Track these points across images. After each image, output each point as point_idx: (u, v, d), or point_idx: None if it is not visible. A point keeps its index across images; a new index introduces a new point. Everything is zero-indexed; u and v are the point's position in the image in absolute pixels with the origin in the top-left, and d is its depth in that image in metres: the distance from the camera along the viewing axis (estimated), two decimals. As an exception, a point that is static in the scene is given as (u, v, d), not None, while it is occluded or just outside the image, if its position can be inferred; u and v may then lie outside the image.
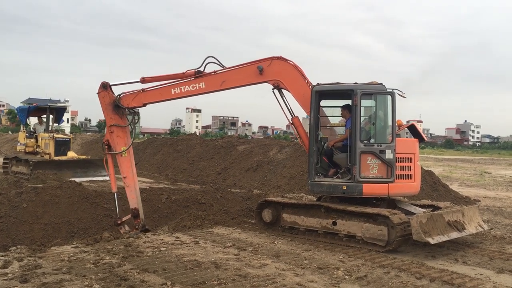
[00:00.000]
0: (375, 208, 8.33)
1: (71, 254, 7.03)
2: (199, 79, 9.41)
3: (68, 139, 19.04)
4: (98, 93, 9.71)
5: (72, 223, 10.12)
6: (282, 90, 9.19)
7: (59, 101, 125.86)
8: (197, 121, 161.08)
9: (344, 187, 8.46)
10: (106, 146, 9.71)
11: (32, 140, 19.19)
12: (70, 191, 11.04)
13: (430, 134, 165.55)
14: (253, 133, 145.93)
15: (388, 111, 8.50)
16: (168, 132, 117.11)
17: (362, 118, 8.64)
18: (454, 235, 8.07)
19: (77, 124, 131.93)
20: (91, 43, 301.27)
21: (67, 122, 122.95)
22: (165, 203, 11.43)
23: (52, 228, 9.81)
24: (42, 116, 20.26)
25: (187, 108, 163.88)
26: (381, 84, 8.54)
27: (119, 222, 9.51)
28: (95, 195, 11.36)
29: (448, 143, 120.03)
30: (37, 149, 18.82)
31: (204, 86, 9.42)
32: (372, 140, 8.57)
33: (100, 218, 10.52)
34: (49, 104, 19.86)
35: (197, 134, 70.76)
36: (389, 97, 8.46)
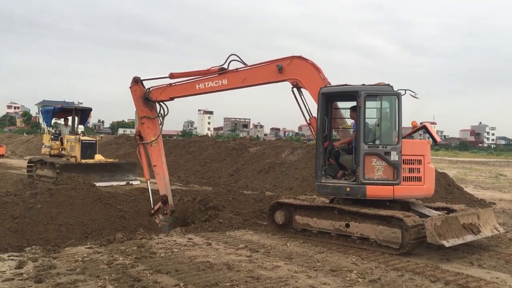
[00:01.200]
0: (388, 210, 8.25)
1: (85, 255, 7.08)
2: (222, 76, 9.82)
3: (94, 142, 18.27)
4: (130, 87, 10.70)
5: (86, 224, 10.19)
6: (301, 89, 9.25)
7: (72, 103, 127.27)
8: (209, 123, 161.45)
9: (348, 189, 8.42)
10: (138, 137, 10.72)
11: (57, 142, 18.62)
12: (84, 192, 11.12)
13: (444, 136, 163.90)
14: (265, 134, 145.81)
15: (394, 113, 8.42)
16: (180, 134, 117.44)
17: (368, 120, 8.60)
18: (469, 238, 7.96)
19: (91, 126, 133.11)
20: (103, 45, 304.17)
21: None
22: (177, 204, 11.46)
23: (66, 229, 9.89)
24: (66, 118, 19.64)
25: (199, 110, 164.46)
26: (388, 85, 8.47)
27: (152, 212, 10.35)
28: (109, 196, 11.44)
29: (462, 145, 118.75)
30: (63, 152, 18.26)
31: (226, 83, 9.82)
32: (377, 142, 8.50)
33: (114, 219, 10.59)
34: (75, 105, 19.41)
35: (209, 135, 71.03)
36: (395, 98, 8.38)
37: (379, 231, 7.94)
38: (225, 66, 9.79)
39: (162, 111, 10.68)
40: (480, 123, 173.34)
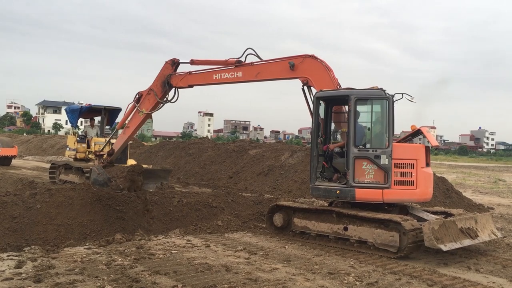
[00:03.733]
0: (386, 214, 8.28)
1: (84, 255, 7.11)
2: (237, 68, 10.23)
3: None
4: (166, 61, 11.35)
5: (85, 224, 10.18)
6: (311, 88, 9.36)
7: (73, 104, 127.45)
8: (209, 125, 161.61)
9: (338, 191, 8.48)
10: (137, 97, 11.64)
11: (84, 145, 16.65)
12: (83, 193, 11.13)
13: (444, 140, 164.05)
14: (265, 137, 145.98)
15: (385, 116, 8.44)
16: (180, 135, 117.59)
17: (361, 123, 8.65)
18: (467, 242, 7.99)
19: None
20: (106, 46, 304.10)
21: (81, 124, 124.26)
22: (176, 206, 11.48)
23: (65, 229, 9.88)
24: (93, 118, 17.83)
25: (199, 112, 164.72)
26: (381, 89, 8.52)
27: (98, 153, 12.05)
28: (108, 197, 11.42)
29: (462, 150, 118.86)
30: (90, 156, 16.17)
31: (241, 75, 10.21)
32: (368, 145, 8.53)
33: (113, 220, 10.58)
34: (104, 105, 16.69)
35: (209, 137, 71.02)
36: (385, 102, 8.41)
37: (377, 234, 7.97)
38: (242, 59, 10.18)
39: (170, 98, 11.42)
40: (480, 128, 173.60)
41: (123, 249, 7.57)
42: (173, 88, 11.33)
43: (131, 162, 15.67)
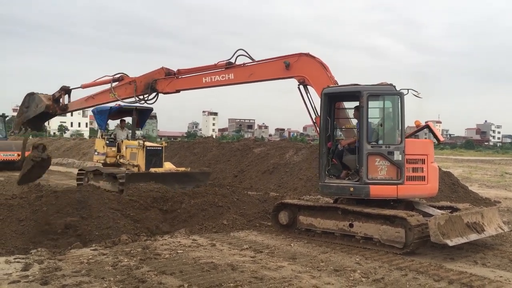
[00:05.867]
0: (392, 210, 8.27)
1: (90, 257, 7.14)
2: (229, 70, 9.88)
3: (160, 148, 14.93)
4: (162, 67, 11.02)
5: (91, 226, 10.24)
6: (308, 87, 9.27)
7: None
8: (213, 124, 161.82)
9: (351, 189, 8.44)
10: (118, 76, 11.52)
11: (114, 149, 15.16)
12: (89, 194, 11.17)
13: (450, 134, 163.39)
14: (270, 135, 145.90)
15: (397, 112, 8.43)
16: (185, 135, 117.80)
17: (372, 119, 8.61)
18: (473, 237, 7.96)
19: (96, 129, 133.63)
20: (111, 48, 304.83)
21: (86, 126, 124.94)
22: (184, 207, 11.48)
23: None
24: (123, 119, 16.53)
25: (203, 111, 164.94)
26: (390, 84, 8.48)
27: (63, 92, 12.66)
28: (113, 198, 11.48)
29: (468, 144, 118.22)
30: (121, 160, 14.83)
31: (233, 77, 9.88)
32: (380, 142, 8.51)
33: (118, 220, 10.63)
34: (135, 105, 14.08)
35: (214, 137, 71.08)
36: (397, 98, 8.39)
37: (383, 230, 7.95)
38: (232, 60, 9.87)
39: (147, 97, 11.21)
40: (486, 121, 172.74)
41: (129, 250, 7.60)
42: (155, 93, 11.05)
43: (167, 165, 14.73)
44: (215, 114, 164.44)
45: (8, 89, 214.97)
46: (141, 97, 11.20)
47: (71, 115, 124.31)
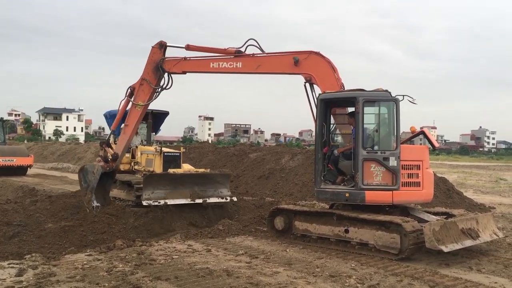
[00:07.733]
0: (387, 215, 8.28)
1: (85, 262, 7.11)
2: (237, 59, 9.85)
3: (178, 154, 13.79)
4: (152, 46, 10.67)
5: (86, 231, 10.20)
6: (313, 86, 9.27)
7: (73, 110, 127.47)
8: (209, 129, 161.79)
9: (347, 194, 8.45)
10: (129, 91, 10.88)
11: (128, 155, 13.94)
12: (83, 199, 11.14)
13: (445, 140, 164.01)
14: (266, 140, 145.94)
15: (392, 118, 8.47)
16: (180, 140, 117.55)
17: (367, 125, 8.64)
18: (468, 243, 7.98)
19: (91, 133, 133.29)
20: (107, 52, 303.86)
21: (81, 130, 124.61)
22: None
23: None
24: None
25: (199, 116, 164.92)
26: (386, 91, 8.52)
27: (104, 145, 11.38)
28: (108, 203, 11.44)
29: (463, 150, 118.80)
30: (136, 167, 13.84)
31: (240, 66, 9.84)
32: (376, 147, 8.54)
33: (113, 226, 10.60)
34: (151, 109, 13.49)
35: (210, 141, 71.08)
36: (393, 104, 8.43)
37: (378, 236, 7.96)
38: (242, 49, 9.84)
39: (164, 84, 10.77)
40: (481, 127, 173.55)
41: (124, 255, 7.57)
42: (166, 74, 10.69)
43: (186, 166, 13.80)
44: (211, 119, 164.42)
45: (5, 93, 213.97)
46: (160, 86, 10.80)
47: (67, 119, 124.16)
